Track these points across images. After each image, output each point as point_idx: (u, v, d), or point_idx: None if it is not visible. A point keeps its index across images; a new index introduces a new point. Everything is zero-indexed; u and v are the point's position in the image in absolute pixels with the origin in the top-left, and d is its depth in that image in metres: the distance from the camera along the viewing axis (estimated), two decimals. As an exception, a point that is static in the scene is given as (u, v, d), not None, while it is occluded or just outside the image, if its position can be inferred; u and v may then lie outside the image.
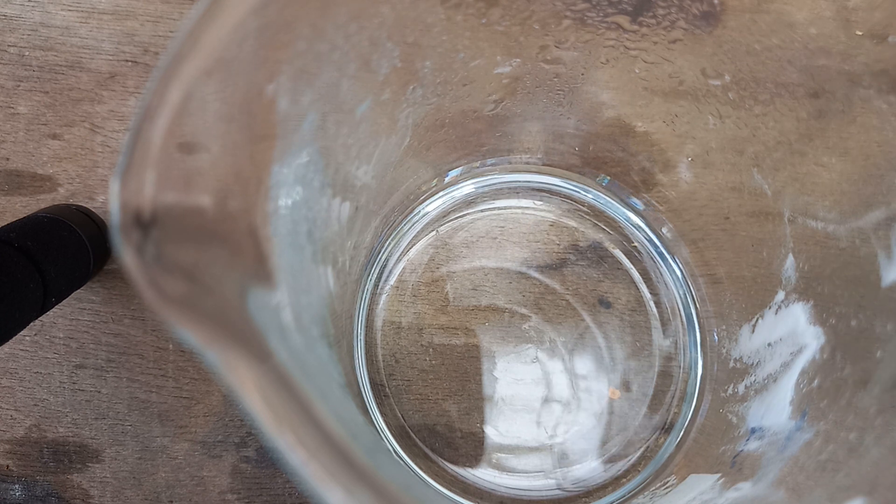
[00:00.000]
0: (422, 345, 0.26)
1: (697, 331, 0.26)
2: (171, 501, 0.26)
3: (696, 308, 0.26)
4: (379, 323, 0.26)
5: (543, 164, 0.27)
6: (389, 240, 0.27)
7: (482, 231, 0.27)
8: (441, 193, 0.27)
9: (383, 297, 0.26)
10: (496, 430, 0.26)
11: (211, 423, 0.26)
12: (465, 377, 0.26)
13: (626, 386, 0.26)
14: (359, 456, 0.09)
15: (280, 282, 0.12)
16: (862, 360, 0.17)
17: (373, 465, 0.10)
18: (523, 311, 0.26)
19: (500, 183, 0.27)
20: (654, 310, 0.26)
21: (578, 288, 0.26)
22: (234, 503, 0.26)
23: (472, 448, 0.25)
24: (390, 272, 0.27)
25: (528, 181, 0.27)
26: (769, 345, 0.22)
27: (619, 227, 0.27)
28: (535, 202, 0.27)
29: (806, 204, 0.19)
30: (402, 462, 0.25)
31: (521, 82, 0.21)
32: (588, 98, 0.22)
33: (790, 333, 0.21)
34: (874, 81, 0.16)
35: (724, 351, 0.24)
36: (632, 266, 0.27)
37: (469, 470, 0.25)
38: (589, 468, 0.25)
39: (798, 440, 0.18)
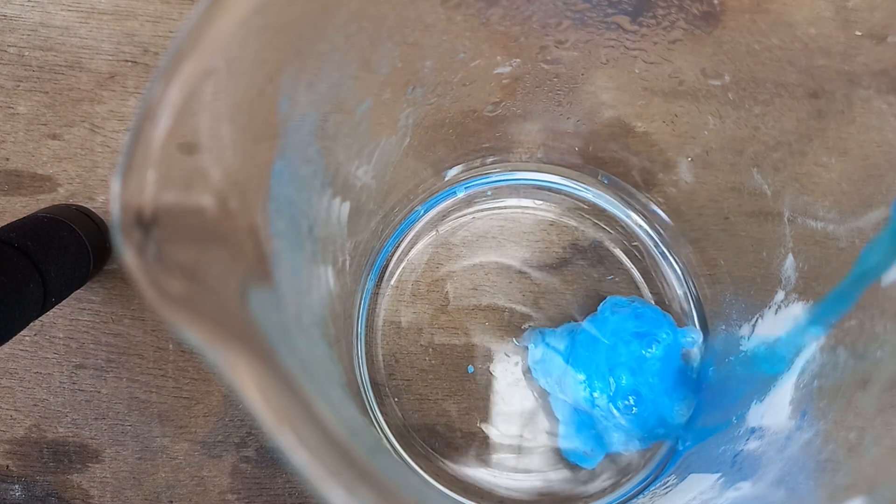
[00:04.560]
0: (422, 344, 0.26)
1: (697, 331, 0.26)
2: (171, 501, 0.26)
3: (696, 308, 0.26)
4: (379, 323, 0.26)
5: (543, 164, 0.27)
6: (389, 239, 0.27)
7: (482, 230, 0.27)
8: (441, 193, 0.27)
9: (383, 296, 0.26)
10: (496, 430, 0.26)
11: (211, 423, 0.26)
12: (464, 377, 0.26)
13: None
14: (360, 455, 0.09)
15: (280, 281, 0.12)
16: (862, 360, 0.17)
17: (374, 464, 0.10)
18: (523, 310, 0.26)
19: (500, 182, 0.27)
20: (654, 310, 0.26)
21: (578, 287, 0.26)
22: (234, 503, 0.26)
23: (472, 448, 0.25)
24: (390, 272, 0.27)
25: (528, 180, 0.27)
26: (769, 345, 0.22)
27: (620, 226, 0.27)
28: (536, 201, 0.27)
29: (806, 204, 0.20)
30: (402, 462, 0.25)
31: (521, 82, 0.21)
32: (588, 98, 0.22)
33: (790, 333, 0.21)
34: (874, 81, 0.16)
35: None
36: (632, 265, 0.27)
37: (469, 470, 0.25)
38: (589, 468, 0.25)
39: (798, 440, 0.18)
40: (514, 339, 0.26)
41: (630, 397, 0.23)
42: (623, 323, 0.24)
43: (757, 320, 0.22)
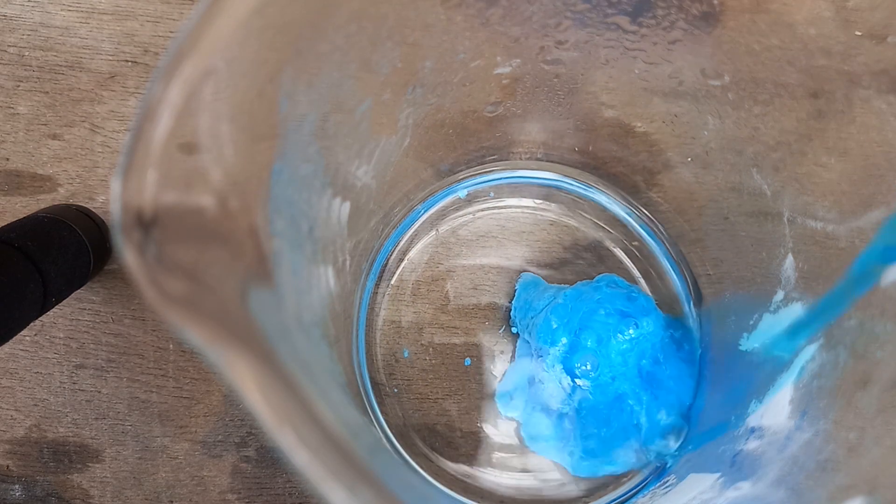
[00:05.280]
0: (422, 344, 0.26)
1: (697, 331, 0.26)
2: (172, 501, 0.26)
3: (696, 308, 0.26)
4: (379, 322, 0.26)
5: (544, 164, 0.27)
6: (389, 239, 0.27)
7: (482, 230, 0.27)
8: (441, 192, 0.27)
9: (383, 296, 0.26)
10: (496, 430, 0.26)
11: (211, 423, 0.26)
12: (465, 376, 0.26)
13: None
14: (360, 455, 0.09)
15: (281, 281, 0.12)
16: (862, 360, 0.17)
17: (374, 463, 0.10)
18: (523, 310, 0.26)
19: (500, 182, 0.27)
20: (654, 310, 0.26)
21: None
22: (234, 503, 0.26)
23: (473, 447, 0.25)
24: (390, 271, 0.27)
25: (528, 180, 0.27)
26: (769, 344, 0.22)
27: (620, 226, 0.27)
28: (536, 201, 0.27)
29: (805, 204, 0.20)
30: (402, 461, 0.25)
31: (521, 83, 0.21)
32: (588, 98, 0.22)
33: (790, 333, 0.21)
34: (874, 81, 0.16)
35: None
36: (632, 265, 0.27)
37: (469, 469, 0.25)
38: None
39: (798, 440, 0.18)
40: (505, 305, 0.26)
41: (588, 363, 0.23)
42: (613, 298, 0.24)
43: (756, 320, 0.22)
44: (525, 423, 0.25)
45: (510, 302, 0.26)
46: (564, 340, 0.24)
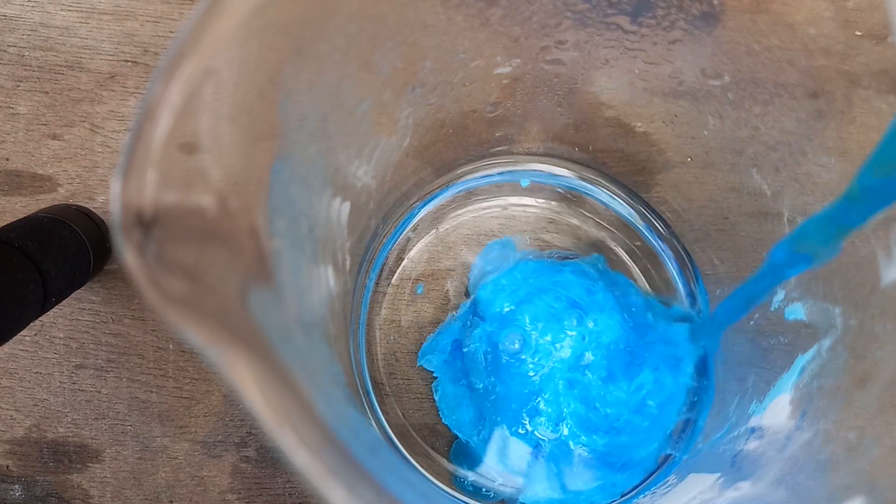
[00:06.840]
0: (422, 343, 0.26)
1: (697, 330, 0.26)
2: (172, 501, 0.26)
3: (697, 307, 0.26)
4: (379, 321, 0.26)
5: (544, 163, 0.27)
6: (389, 238, 0.27)
7: (482, 229, 0.27)
8: (441, 192, 0.27)
9: (383, 295, 0.26)
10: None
11: (211, 423, 0.26)
12: (465, 377, 0.26)
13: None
14: (360, 454, 0.09)
15: (281, 281, 0.12)
16: (862, 360, 0.17)
17: (374, 463, 0.10)
18: (523, 310, 0.26)
19: (499, 181, 0.27)
20: (654, 310, 0.26)
21: (578, 288, 0.26)
22: (234, 503, 0.26)
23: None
24: (390, 270, 0.27)
25: (529, 179, 0.27)
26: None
27: (621, 224, 0.27)
28: (536, 200, 0.27)
29: (805, 204, 0.20)
30: (402, 461, 0.25)
31: (521, 83, 0.21)
32: (588, 98, 0.22)
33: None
34: (874, 81, 0.16)
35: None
36: (633, 264, 0.27)
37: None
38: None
39: (798, 440, 0.18)
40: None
41: (516, 340, 0.23)
42: (571, 285, 0.23)
43: (757, 321, 0.22)
44: (440, 379, 0.25)
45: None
46: (507, 307, 0.22)
